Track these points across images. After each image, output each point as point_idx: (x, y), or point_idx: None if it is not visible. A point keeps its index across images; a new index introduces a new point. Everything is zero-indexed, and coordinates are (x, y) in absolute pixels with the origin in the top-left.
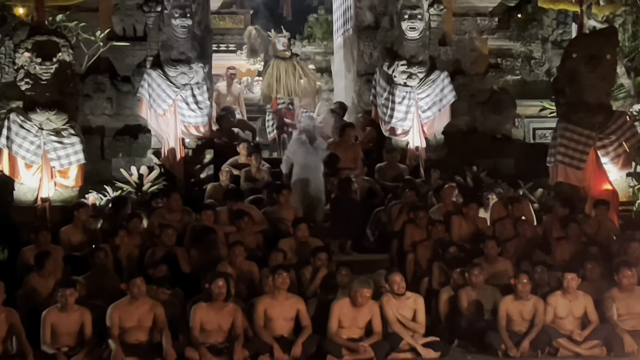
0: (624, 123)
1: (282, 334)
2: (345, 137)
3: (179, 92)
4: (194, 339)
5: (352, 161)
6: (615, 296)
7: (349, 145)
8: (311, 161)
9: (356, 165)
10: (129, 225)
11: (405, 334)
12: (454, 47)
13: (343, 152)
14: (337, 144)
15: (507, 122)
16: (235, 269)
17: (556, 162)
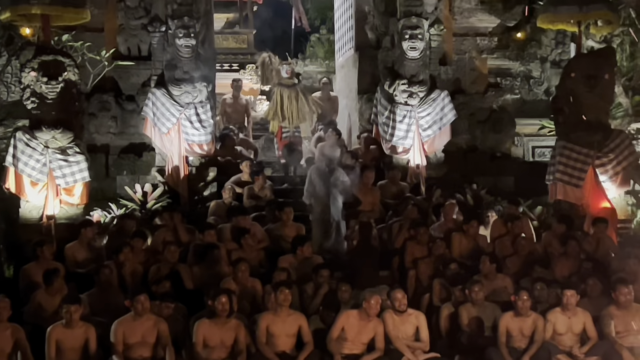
0: (622, 142)
1: (284, 350)
2: (364, 179)
3: (182, 111)
4: (197, 354)
5: (370, 204)
6: (613, 313)
7: (368, 188)
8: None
9: (374, 209)
10: (133, 242)
11: (406, 350)
12: (454, 66)
13: (362, 195)
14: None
15: (507, 140)
16: (239, 286)
17: (555, 180)
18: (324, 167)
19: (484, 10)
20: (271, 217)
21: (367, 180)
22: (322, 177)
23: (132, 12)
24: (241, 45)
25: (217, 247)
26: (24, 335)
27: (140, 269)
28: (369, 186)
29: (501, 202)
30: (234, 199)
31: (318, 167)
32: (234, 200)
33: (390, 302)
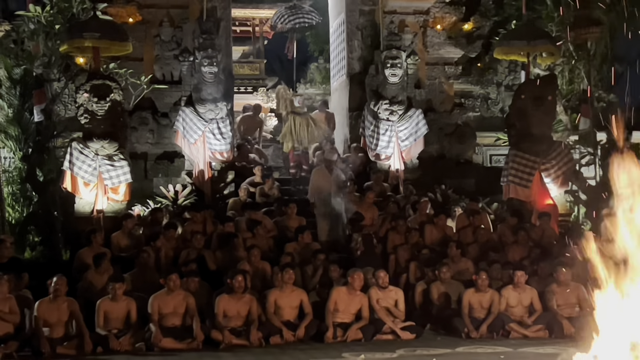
0: (563, 151)
1: (289, 319)
2: (366, 199)
3: (207, 125)
4: (218, 323)
5: (370, 219)
6: (554, 290)
7: (368, 205)
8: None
9: (373, 223)
10: (166, 232)
11: (387, 319)
12: (426, 89)
13: (364, 211)
14: (359, 203)
15: (469, 149)
16: (252, 267)
17: (508, 182)
18: (324, 169)
19: (451, 44)
20: (279, 212)
21: (369, 200)
22: (324, 178)
23: (166, 45)
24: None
25: (236, 236)
26: (78, 307)
27: (171, 254)
28: (369, 204)
29: (464, 200)
30: (249, 196)
31: (319, 170)
32: (248, 198)
33: (374, 280)
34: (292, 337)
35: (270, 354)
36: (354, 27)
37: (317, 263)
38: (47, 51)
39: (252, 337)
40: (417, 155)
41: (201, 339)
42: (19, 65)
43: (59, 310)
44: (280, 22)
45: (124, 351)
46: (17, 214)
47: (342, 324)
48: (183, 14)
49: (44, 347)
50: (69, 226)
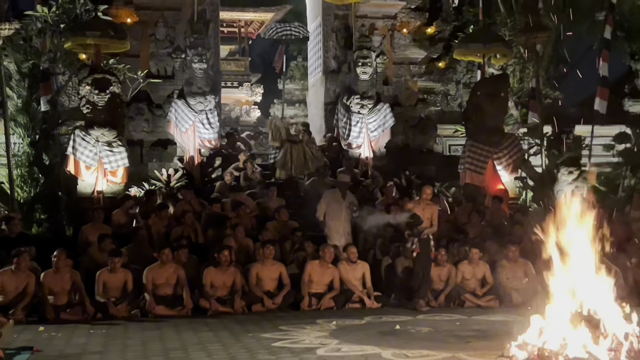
0: (513, 142)
1: (269, 290)
2: (422, 195)
3: (197, 116)
4: (206, 293)
5: (428, 220)
6: (504, 265)
7: (426, 204)
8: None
9: (432, 223)
10: (159, 211)
11: (356, 289)
12: (393, 86)
13: (420, 211)
14: (416, 202)
15: (431, 140)
16: (236, 243)
17: (465, 169)
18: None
19: (415, 46)
20: (260, 194)
21: (426, 196)
22: (336, 200)
23: (160, 43)
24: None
25: (225, 217)
26: (80, 278)
27: (164, 230)
28: (426, 202)
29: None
30: (234, 180)
31: (333, 192)
32: (233, 181)
33: (345, 254)
34: (272, 305)
35: (252, 321)
36: (330, 29)
37: (295, 239)
38: (52, 48)
39: (236, 305)
40: (385, 144)
41: (190, 306)
42: (27, 60)
43: (62, 281)
44: (270, 33)
45: (121, 317)
46: (25, 194)
47: (316, 294)
48: (176, 15)
49: (49, 313)
50: (72, 205)
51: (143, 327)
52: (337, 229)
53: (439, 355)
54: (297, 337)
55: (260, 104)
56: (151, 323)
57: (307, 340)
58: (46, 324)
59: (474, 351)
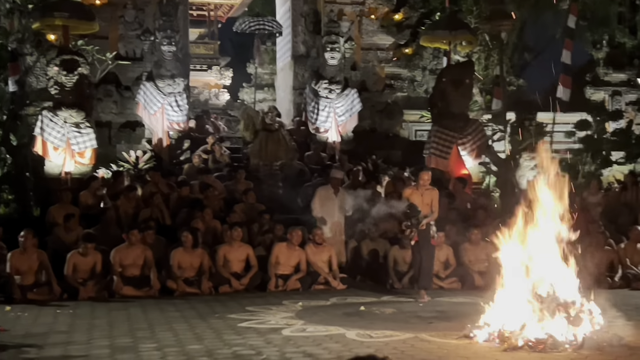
0: (477, 128)
1: (237, 271)
2: (419, 181)
3: (165, 98)
4: (173, 274)
5: (428, 205)
6: (467, 248)
7: (425, 189)
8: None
9: (432, 209)
10: (127, 192)
11: (322, 271)
12: (361, 71)
13: (419, 197)
14: (414, 188)
15: (397, 125)
16: (204, 225)
17: (430, 154)
18: (329, 188)
19: (383, 32)
20: (229, 176)
21: (423, 182)
22: (328, 197)
23: (129, 25)
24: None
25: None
26: (47, 258)
27: (132, 212)
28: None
29: (392, 169)
30: (202, 163)
31: (325, 189)
32: (201, 164)
33: (311, 237)
34: (239, 286)
35: (219, 301)
36: (299, 14)
37: (263, 222)
38: (21, 28)
39: (203, 286)
40: (352, 129)
41: (158, 287)
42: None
43: (29, 260)
44: (242, 27)
45: (89, 297)
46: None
47: (283, 276)
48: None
49: (16, 293)
50: (40, 186)
51: (110, 307)
52: (329, 227)
53: (402, 336)
54: (264, 317)
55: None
56: (118, 303)
57: (273, 320)
58: (13, 304)
59: (436, 332)
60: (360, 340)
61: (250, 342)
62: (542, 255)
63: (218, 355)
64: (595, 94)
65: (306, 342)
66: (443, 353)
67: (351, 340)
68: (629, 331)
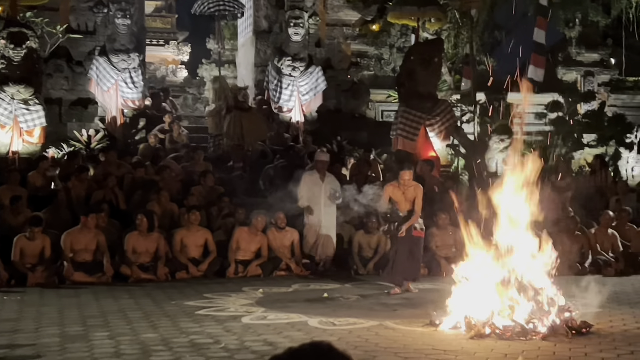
0: (446, 108)
1: (194, 256)
2: (400, 180)
3: (120, 74)
4: (128, 259)
5: (410, 202)
6: (434, 233)
7: (406, 186)
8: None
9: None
10: (79, 173)
11: (284, 257)
12: (326, 48)
13: (400, 195)
14: (394, 185)
15: (363, 105)
16: (161, 208)
17: (397, 135)
18: (315, 173)
19: (349, 7)
20: (186, 157)
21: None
22: (314, 183)
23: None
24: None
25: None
26: None
27: (84, 194)
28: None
29: (358, 150)
30: (158, 143)
31: (311, 175)
32: (158, 144)
33: (274, 222)
34: (197, 272)
35: (175, 288)
36: None
37: (222, 205)
38: None
39: (159, 272)
40: (316, 108)
41: (111, 273)
42: None
43: None
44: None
45: (37, 284)
46: None
47: (243, 261)
48: None
49: None
50: None
51: (60, 294)
52: (317, 217)
53: (366, 324)
54: (222, 305)
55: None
56: (69, 290)
57: (232, 308)
58: None
59: (401, 319)
60: (322, 328)
61: (208, 330)
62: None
63: (174, 344)
64: (567, 74)
65: (267, 330)
66: (408, 341)
67: (313, 328)
68: (598, 318)
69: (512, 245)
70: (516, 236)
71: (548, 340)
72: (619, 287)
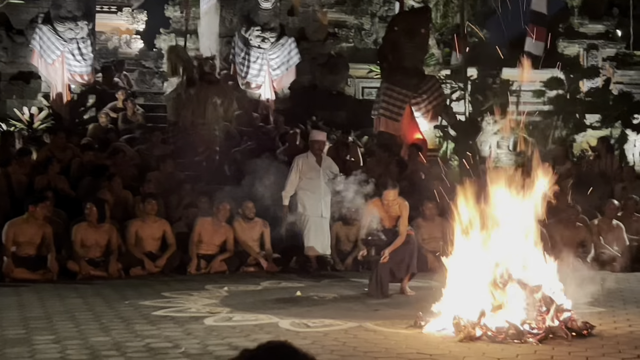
0: (434, 85)
1: (151, 251)
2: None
3: (66, 45)
4: (75, 253)
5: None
6: (420, 224)
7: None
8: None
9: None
10: (19, 157)
11: (252, 251)
12: (300, 17)
13: (384, 213)
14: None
15: (341, 81)
16: (113, 196)
17: (379, 115)
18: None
19: None
20: (142, 139)
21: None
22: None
23: None
24: None
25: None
26: None
27: (26, 180)
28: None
29: (335, 132)
30: (110, 122)
31: (305, 158)
32: (109, 124)
33: (241, 211)
34: (154, 268)
35: (130, 286)
36: None
37: (183, 193)
38: None
39: (111, 268)
40: (289, 85)
41: (56, 270)
42: None
43: None
44: None
45: None
46: None
47: (206, 256)
48: None
49: None
50: None
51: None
52: (315, 206)
53: (343, 325)
54: (183, 305)
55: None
56: (8, 288)
57: (194, 308)
58: None
59: (383, 320)
60: (295, 331)
61: (167, 333)
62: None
63: (128, 349)
64: (568, 48)
65: (232, 333)
66: (390, 344)
67: (285, 331)
68: (601, 319)
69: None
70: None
71: (545, 344)
72: (624, 284)
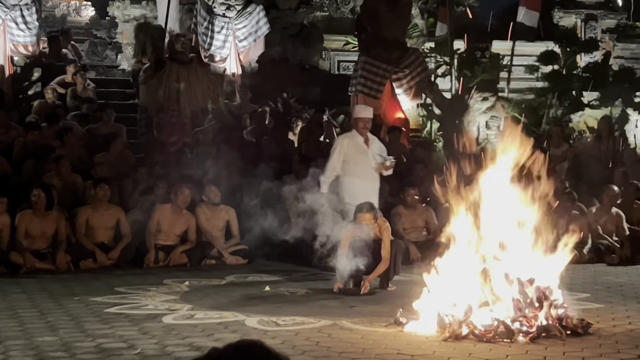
0: (417, 59)
1: (103, 241)
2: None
3: (8, 12)
4: (19, 244)
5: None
6: (401, 212)
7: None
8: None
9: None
10: None
11: (216, 242)
12: None
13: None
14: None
15: (315, 54)
16: (60, 181)
17: (357, 92)
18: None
19: None
20: (93, 117)
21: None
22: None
23: None
24: None
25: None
26: None
27: None
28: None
29: (308, 110)
30: (58, 98)
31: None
32: (57, 100)
33: (205, 197)
34: (107, 261)
35: (79, 280)
36: None
37: (139, 177)
38: None
39: (58, 260)
40: (257, 58)
41: None
42: None
43: None
44: None
45: None
46: None
47: (165, 247)
48: None
49: None
50: None
51: None
52: (365, 193)
53: (317, 323)
54: (138, 301)
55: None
56: None
57: (151, 305)
58: None
59: (360, 318)
60: (263, 329)
61: (121, 332)
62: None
63: (77, 350)
64: (564, 19)
65: (194, 331)
66: (368, 344)
67: (251, 329)
68: (598, 316)
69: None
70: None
71: (538, 343)
72: (624, 277)
